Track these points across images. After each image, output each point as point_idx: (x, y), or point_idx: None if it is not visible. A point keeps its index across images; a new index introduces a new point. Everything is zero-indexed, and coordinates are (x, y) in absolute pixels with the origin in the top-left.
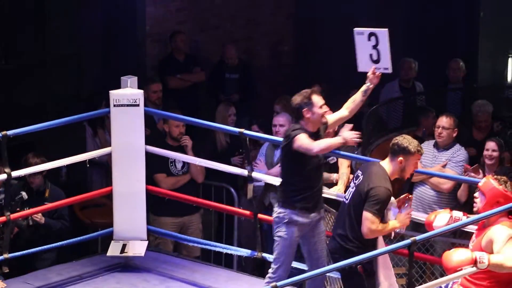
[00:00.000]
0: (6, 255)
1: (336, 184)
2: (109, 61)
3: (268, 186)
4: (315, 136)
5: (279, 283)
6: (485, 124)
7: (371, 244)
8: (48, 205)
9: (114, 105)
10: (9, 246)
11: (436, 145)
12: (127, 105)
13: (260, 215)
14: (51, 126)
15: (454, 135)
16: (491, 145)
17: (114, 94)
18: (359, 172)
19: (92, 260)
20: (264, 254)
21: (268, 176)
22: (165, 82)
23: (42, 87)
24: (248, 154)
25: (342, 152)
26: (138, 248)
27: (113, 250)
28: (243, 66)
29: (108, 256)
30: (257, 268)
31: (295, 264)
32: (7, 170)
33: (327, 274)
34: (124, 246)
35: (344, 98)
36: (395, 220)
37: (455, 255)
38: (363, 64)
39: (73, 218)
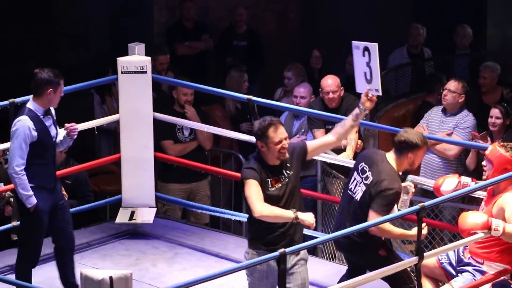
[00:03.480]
0: (14, 223)
1: (344, 150)
2: (116, 29)
3: None
4: (277, 170)
5: (288, 249)
6: (490, 83)
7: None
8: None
9: (122, 72)
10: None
11: (444, 110)
12: (135, 72)
13: None
14: None
15: (460, 100)
16: (494, 112)
17: (121, 61)
18: (365, 167)
19: (101, 227)
20: None
21: None
22: (174, 49)
23: (48, 55)
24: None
25: None
26: (146, 215)
27: (122, 217)
28: (251, 33)
29: (116, 223)
30: None
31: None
32: None
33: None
34: (132, 213)
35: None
36: (411, 231)
37: (471, 218)
38: (360, 83)
39: None
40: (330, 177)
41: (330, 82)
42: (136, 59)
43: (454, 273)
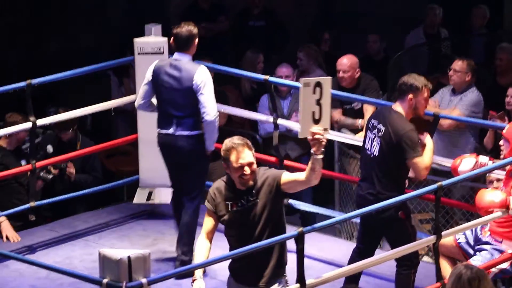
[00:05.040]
0: (32, 204)
1: (361, 130)
2: (133, 10)
3: (284, 137)
4: (239, 193)
5: (305, 228)
6: (506, 65)
7: (402, 190)
8: (75, 153)
9: (139, 53)
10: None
11: (453, 90)
12: (152, 53)
13: (286, 162)
14: (76, 74)
15: (467, 79)
16: (511, 91)
17: (138, 42)
18: (374, 122)
19: (118, 208)
20: (290, 201)
21: (292, 123)
22: None
23: (65, 38)
24: (274, 101)
25: (367, 98)
26: (164, 196)
27: (139, 197)
28: (268, 12)
29: (134, 203)
30: (288, 214)
31: (321, 211)
32: (32, 118)
33: (354, 220)
34: (150, 193)
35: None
36: (427, 143)
37: (489, 196)
38: (305, 126)
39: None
40: (347, 157)
41: (343, 61)
42: (152, 40)
43: (472, 252)
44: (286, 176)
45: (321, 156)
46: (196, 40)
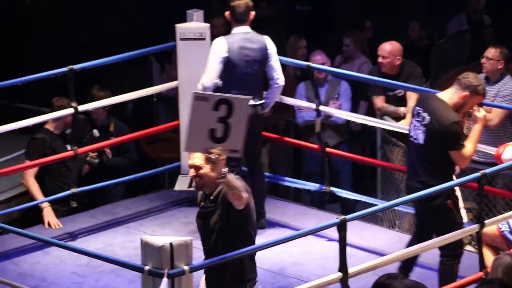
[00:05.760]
0: (74, 190)
1: (404, 117)
2: None
3: (322, 125)
4: (205, 196)
5: (348, 216)
6: None
7: (449, 177)
8: (114, 140)
9: (181, 39)
10: (81, 182)
11: (486, 79)
12: (194, 39)
13: (328, 149)
14: (117, 60)
15: (500, 66)
16: None
17: (180, 28)
18: (419, 110)
19: (160, 195)
20: (332, 188)
21: (333, 110)
22: None
23: (105, 23)
24: (316, 88)
25: (410, 85)
26: None
27: (181, 184)
28: None
29: (175, 190)
30: (329, 202)
31: (363, 198)
32: (73, 104)
33: (396, 208)
34: (191, 180)
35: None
36: (473, 128)
37: None
38: (194, 141)
39: (140, 153)
40: (389, 145)
41: (384, 47)
42: (194, 25)
43: None
44: (238, 184)
45: (222, 180)
46: (253, 13)
